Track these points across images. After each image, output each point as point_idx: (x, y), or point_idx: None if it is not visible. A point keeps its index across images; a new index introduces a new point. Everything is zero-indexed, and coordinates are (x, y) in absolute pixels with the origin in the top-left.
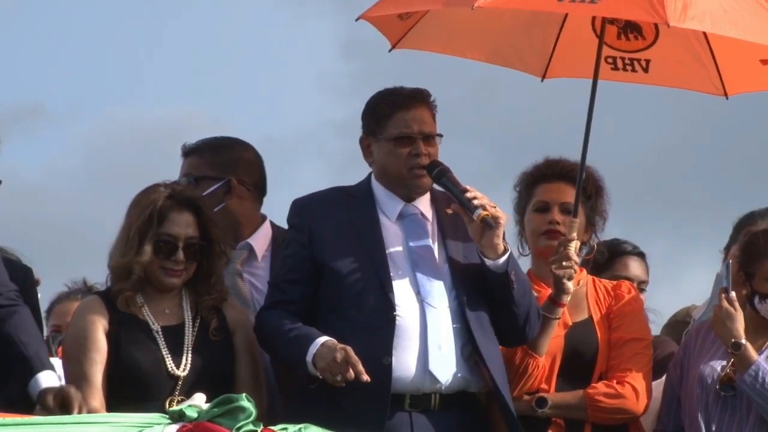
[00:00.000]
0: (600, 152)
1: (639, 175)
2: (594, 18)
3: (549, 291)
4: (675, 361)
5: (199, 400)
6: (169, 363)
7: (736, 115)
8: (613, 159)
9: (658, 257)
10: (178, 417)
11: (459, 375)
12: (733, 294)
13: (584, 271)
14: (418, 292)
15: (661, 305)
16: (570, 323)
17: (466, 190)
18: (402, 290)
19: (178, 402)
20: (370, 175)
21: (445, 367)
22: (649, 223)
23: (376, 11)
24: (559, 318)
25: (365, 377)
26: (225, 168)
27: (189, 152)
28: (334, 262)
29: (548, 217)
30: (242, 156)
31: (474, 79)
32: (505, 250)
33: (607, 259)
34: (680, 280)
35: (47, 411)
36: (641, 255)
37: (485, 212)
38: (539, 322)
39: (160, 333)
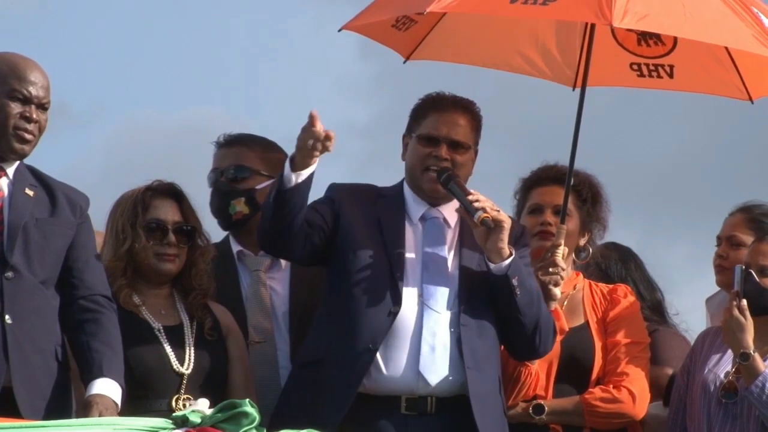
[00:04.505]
0: (621, 156)
1: (660, 179)
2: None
3: None
4: (683, 367)
5: (203, 405)
6: (174, 361)
7: (758, 118)
8: (633, 163)
9: (679, 261)
10: (181, 422)
11: (453, 379)
12: (743, 302)
13: (581, 276)
14: (421, 295)
15: (682, 309)
16: (566, 329)
17: (469, 193)
18: (407, 289)
19: (184, 400)
20: (403, 180)
21: (437, 371)
22: (670, 228)
23: (360, 20)
24: None
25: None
26: (275, 167)
27: (233, 142)
28: (353, 245)
29: (541, 219)
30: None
31: (497, 82)
32: (510, 255)
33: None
34: (701, 283)
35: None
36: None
37: (485, 214)
38: (554, 336)
39: (162, 331)
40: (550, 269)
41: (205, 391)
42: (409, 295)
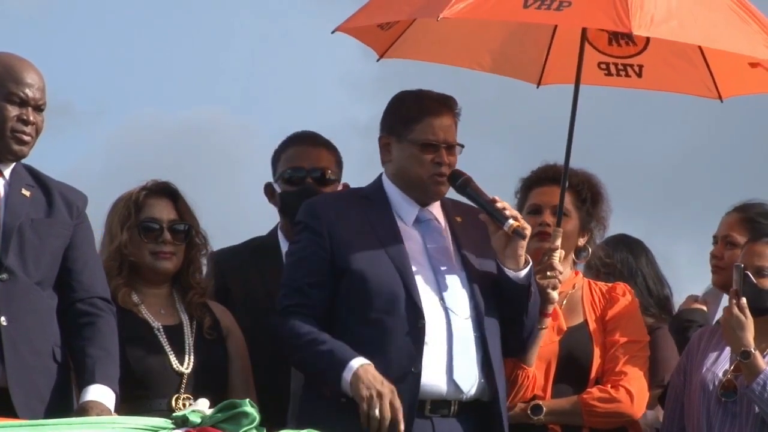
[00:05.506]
0: (623, 155)
1: (663, 177)
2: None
3: None
4: (678, 367)
5: (202, 405)
6: (173, 360)
7: (762, 117)
8: (636, 162)
9: (682, 260)
10: (181, 422)
11: (479, 383)
12: (743, 300)
13: (579, 275)
14: (441, 299)
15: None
16: (565, 328)
17: (495, 200)
18: (426, 297)
19: (184, 400)
20: (380, 176)
21: (469, 376)
22: (673, 226)
23: (352, 23)
24: (545, 328)
25: (401, 427)
26: (341, 171)
27: (314, 142)
28: (357, 266)
29: (539, 219)
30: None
31: (498, 82)
32: (527, 262)
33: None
34: (704, 282)
35: None
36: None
37: (517, 223)
38: (537, 336)
39: (162, 331)
40: (548, 273)
41: (205, 391)
42: (431, 303)
